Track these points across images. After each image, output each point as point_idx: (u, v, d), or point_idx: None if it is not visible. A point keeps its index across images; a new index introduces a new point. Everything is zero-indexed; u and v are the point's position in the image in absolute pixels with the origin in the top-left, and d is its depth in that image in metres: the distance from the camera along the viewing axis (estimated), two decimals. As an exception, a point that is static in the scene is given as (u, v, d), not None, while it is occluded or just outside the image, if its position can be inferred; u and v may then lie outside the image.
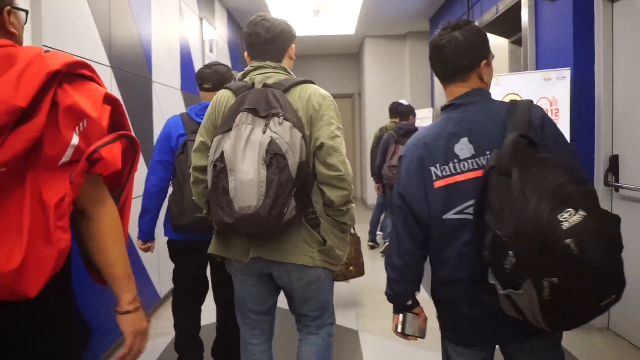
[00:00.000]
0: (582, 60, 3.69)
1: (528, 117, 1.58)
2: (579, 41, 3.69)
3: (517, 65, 5.45)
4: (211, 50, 6.30)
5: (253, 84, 2.10)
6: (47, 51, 1.22)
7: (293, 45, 2.24)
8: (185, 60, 5.36)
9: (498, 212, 1.43)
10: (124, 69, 3.78)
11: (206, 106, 2.67)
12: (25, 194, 1.13)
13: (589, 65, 3.67)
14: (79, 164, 1.20)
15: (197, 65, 5.70)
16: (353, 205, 2.17)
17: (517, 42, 5.60)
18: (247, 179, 1.87)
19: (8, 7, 1.29)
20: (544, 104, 3.73)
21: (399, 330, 1.83)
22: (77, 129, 1.19)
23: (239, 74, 2.24)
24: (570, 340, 3.58)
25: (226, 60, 7.41)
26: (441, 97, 8.45)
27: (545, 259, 1.32)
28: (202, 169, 2.13)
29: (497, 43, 5.71)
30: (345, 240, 2.20)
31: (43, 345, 1.24)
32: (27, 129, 1.12)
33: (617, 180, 3.57)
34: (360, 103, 11.90)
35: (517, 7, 4.55)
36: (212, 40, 6.41)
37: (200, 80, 2.86)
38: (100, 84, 1.31)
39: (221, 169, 1.92)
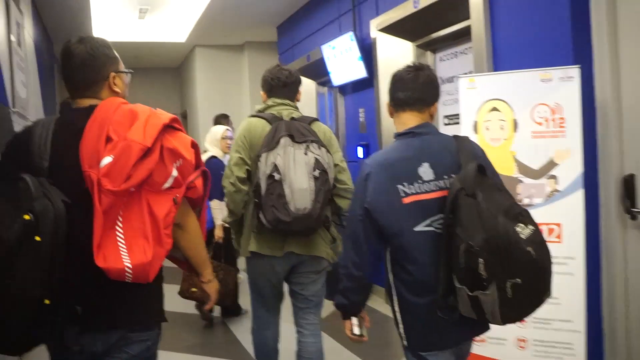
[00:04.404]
0: (581, 59, 2.94)
1: (472, 150, 1.98)
2: (578, 36, 2.94)
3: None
4: (20, 44, 4.46)
5: (282, 116, 2.75)
6: (156, 109, 1.73)
7: (301, 89, 2.93)
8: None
9: (467, 227, 1.73)
10: None
11: None
12: (142, 208, 1.62)
13: (588, 64, 2.94)
14: (180, 189, 1.70)
15: (5, 68, 3.83)
16: None
17: (424, 47, 4.84)
18: (302, 188, 2.52)
19: (113, 73, 1.80)
20: (542, 112, 2.90)
21: (356, 332, 2.03)
22: (175, 164, 1.68)
23: (258, 107, 2.90)
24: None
25: (33, 65, 5.44)
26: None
27: (511, 264, 1.67)
28: (243, 180, 2.71)
29: (400, 46, 4.88)
30: (342, 240, 2.75)
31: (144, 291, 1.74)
32: (148, 161, 1.62)
33: (633, 206, 2.87)
34: (188, 123, 10.39)
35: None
36: (20, 34, 4.56)
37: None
38: (184, 132, 1.77)
39: (278, 179, 2.52)
